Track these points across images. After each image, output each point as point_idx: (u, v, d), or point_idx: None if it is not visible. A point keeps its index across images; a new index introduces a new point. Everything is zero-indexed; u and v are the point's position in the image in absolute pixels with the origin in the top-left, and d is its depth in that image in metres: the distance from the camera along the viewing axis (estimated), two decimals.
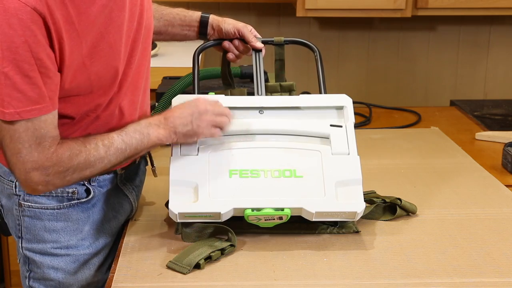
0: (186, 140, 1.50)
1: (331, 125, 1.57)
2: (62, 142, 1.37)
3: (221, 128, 1.51)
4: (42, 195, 1.49)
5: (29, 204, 1.50)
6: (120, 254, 1.48)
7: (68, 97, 1.39)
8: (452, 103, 2.82)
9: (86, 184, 1.51)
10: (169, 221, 1.61)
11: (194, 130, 1.48)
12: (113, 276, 1.39)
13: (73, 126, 1.45)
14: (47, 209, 1.50)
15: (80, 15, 1.32)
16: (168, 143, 1.50)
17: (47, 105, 1.32)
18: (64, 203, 1.51)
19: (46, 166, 1.35)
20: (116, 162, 1.43)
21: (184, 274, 1.39)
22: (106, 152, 1.40)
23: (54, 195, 1.50)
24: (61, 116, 1.41)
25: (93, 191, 1.52)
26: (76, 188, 1.50)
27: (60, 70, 1.33)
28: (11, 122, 1.31)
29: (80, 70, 1.36)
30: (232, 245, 1.48)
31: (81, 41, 1.34)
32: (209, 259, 1.43)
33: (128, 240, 1.54)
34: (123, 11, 1.41)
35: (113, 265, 1.44)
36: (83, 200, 1.52)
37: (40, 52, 1.28)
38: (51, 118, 1.35)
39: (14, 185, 1.50)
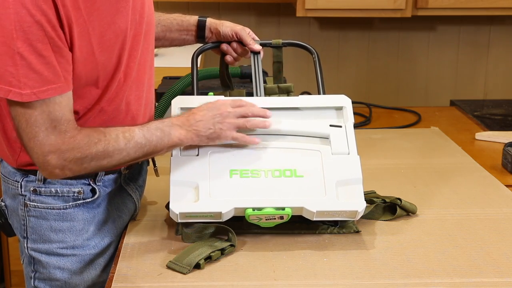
0: (208, 142, 1.51)
1: (330, 125, 1.58)
2: (81, 129, 1.38)
3: (247, 128, 1.52)
4: (48, 195, 1.49)
5: (35, 204, 1.50)
6: (120, 254, 1.48)
7: (74, 89, 1.39)
8: (452, 103, 2.82)
9: (92, 184, 1.51)
10: (169, 221, 1.61)
11: (217, 133, 1.49)
12: (113, 276, 1.40)
13: (78, 120, 1.44)
14: (53, 209, 1.50)
15: (86, 1, 1.33)
16: (188, 145, 1.50)
17: (62, 84, 1.33)
18: (70, 203, 1.51)
19: (63, 149, 1.35)
20: (134, 156, 1.44)
21: (184, 274, 1.40)
22: (126, 145, 1.41)
23: (60, 195, 1.50)
24: None
25: (99, 191, 1.52)
26: (82, 188, 1.50)
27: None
28: (27, 106, 1.31)
29: (90, 58, 1.37)
30: (232, 245, 1.48)
31: (87, 28, 1.34)
32: (209, 259, 1.43)
33: (128, 240, 1.54)
34: (128, 1, 1.42)
35: (113, 265, 1.44)
36: (88, 200, 1.52)
37: (52, 31, 1.29)
38: (66, 101, 1.35)
39: (19, 185, 1.50)
